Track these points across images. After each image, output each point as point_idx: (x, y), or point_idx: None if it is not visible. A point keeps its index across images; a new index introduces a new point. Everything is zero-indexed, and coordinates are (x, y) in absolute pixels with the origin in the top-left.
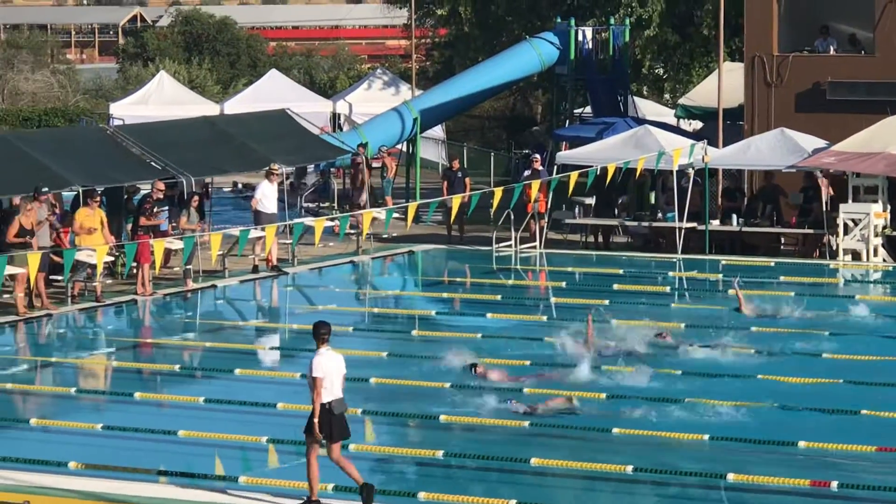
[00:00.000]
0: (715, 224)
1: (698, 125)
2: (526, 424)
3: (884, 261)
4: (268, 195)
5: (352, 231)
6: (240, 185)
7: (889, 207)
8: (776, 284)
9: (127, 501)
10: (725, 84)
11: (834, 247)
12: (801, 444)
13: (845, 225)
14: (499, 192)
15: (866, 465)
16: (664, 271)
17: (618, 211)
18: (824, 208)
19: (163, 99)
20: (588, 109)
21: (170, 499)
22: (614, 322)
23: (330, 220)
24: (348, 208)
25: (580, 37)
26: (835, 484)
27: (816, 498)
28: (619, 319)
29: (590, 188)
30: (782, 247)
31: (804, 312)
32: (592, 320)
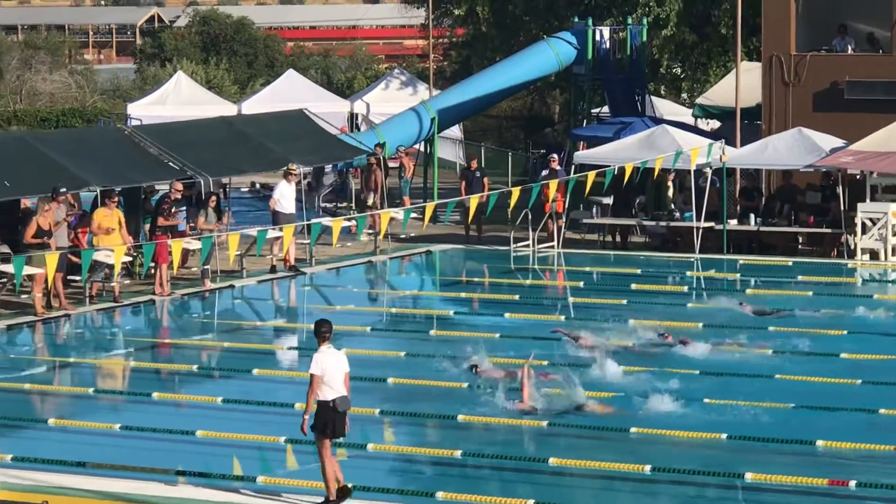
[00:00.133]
0: (733, 224)
1: (716, 125)
2: (544, 424)
3: None
4: (286, 195)
5: (370, 231)
6: (257, 186)
7: None
8: (794, 284)
9: (145, 501)
10: (743, 83)
11: (852, 246)
12: (820, 444)
13: (863, 224)
14: (516, 192)
15: (884, 465)
16: (682, 271)
17: (635, 211)
18: (842, 207)
19: (180, 99)
20: (605, 109)
21: (188, 499)
22: (631, 321)
23: (347, 221)
24: (357, 209)
25: (598, 36)
26: (853, 483)
27: (835, 497)
28: (636, 319)
29: (607, 188)
30: (800, 246)
31: (822, 312)
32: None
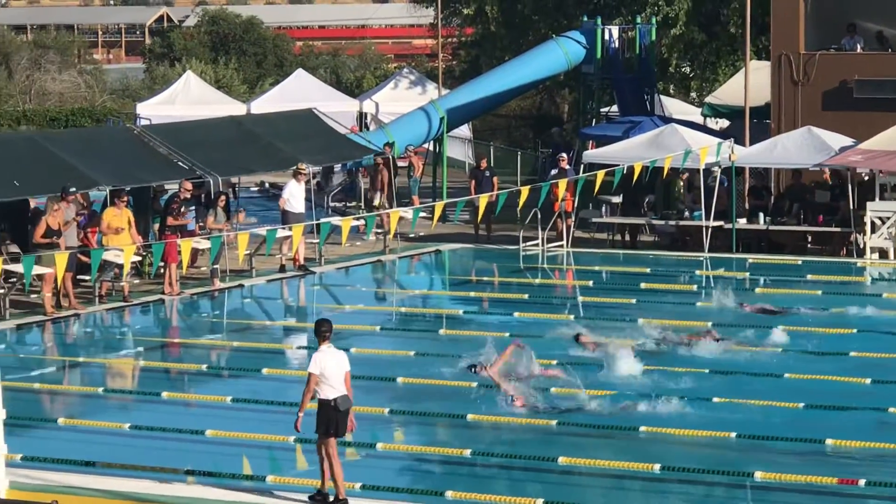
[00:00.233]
0: (742, 223)
1: (725, 124)
2: (553, 423)
3: None
4: (295, 195)
5: (378, 231)
6: (266, 185)
7: None
8: (803, 283)
9: (155, 501)
10: (752, 82)
11: (861, 245)
12: (829, 443)
13: (872, 223)
14: (525, 191)
15: (894, 464)
16: (691, 270)
17: (645, 210)
18: (851, 206)
19: (189, 99)
20: (614, 108)
21: (197, 498)
22: (641, 320)
23: (356, 220)
24: (365, 208)
25: (607, 36)
26: (862, 482)
27: (844, 496)
28: (646, 318)
29: (616, 187)
30: (809, 245)
31: (824, 310)
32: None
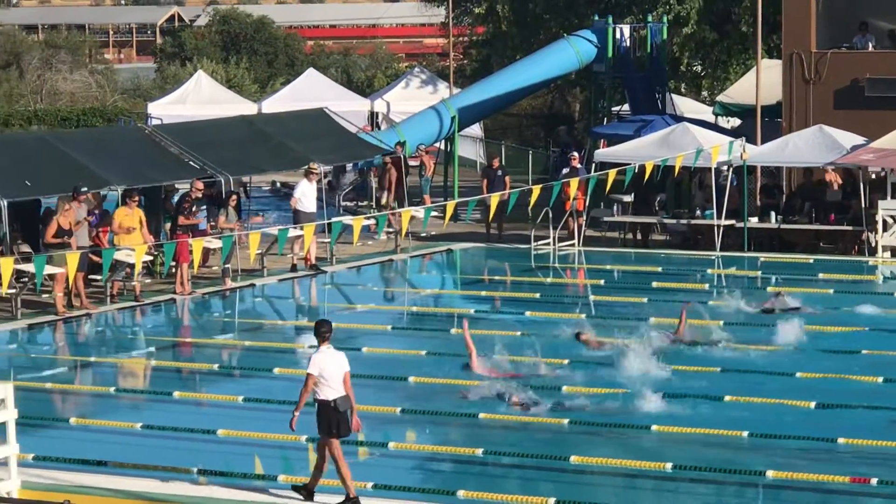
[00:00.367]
0: (753, 221)
1: (736, 122)
2: (565, 423)
3: None
4: (307, 194)
5: (390, 230)
6: (278, 184)
7: None
8: (815, 281)
9: (166, 500)
10: (763, 81)
11: (873, 243)
12: (841, 441)
13: (884, 222)
14: (537, 190)
15: None
16: (703, 269)
17: (656, 209)
18: (863, 205)
19: (200, 98)
20: (626, 107)
21: (209, 498)
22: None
23: (368, 219)
24: (375, 208)
25: (618, 34)
26: (874, 480)
27: (856, 495)
28: (657, 318)
29: (628, 186)
30: (821, 244)
31: (828, 310)
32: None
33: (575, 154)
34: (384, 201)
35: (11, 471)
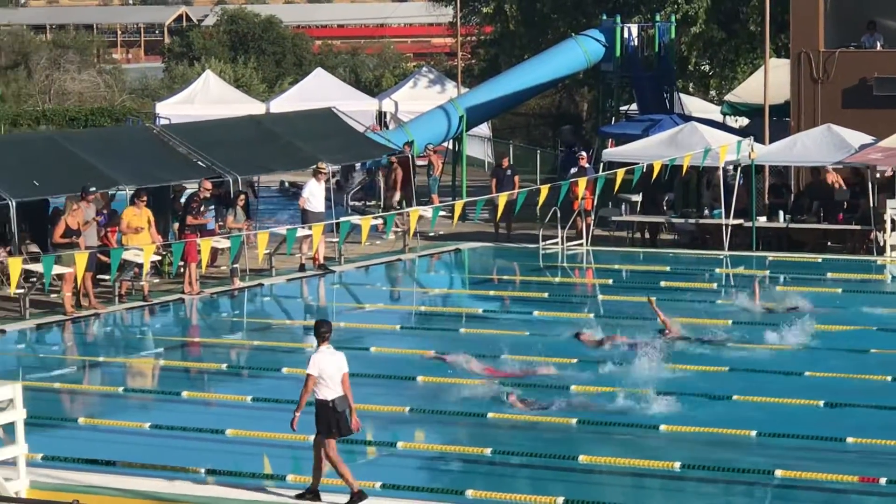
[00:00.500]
0: (762, 221)
1: (744, 122)
2: (573, 422)
3: None
4: (315, 194)
5: (398, 229)
6: (286, 184)
7: None
8: (823, 281)
9: (175, 500)
10: (771, 80)
11: (881, 242)
12: (850, 440)
13: (892, 221)
14: (545, 190)
15: None
16: (711, 268)
17: (664, 208)
18: (871, 204)
19: (209, 98)
20: (634, 106)
21: (218, 497)
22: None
23: (376, 219)
24: (382, 207)
25: (626, 34)
26: (883, 480)
27: (865, 494)
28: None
29: (636, 185)
30: (829, 243)
31: (852, 308)
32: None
33: (583, 153)
34: (390, 201)
35: (20, 470)
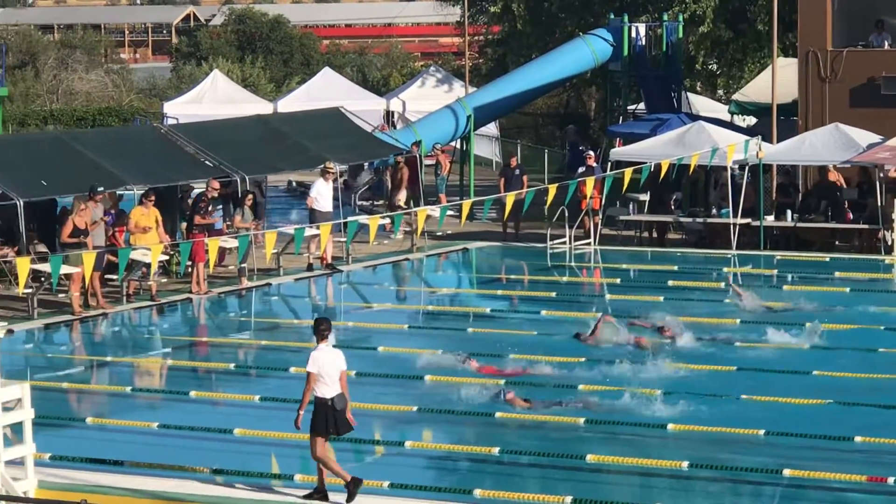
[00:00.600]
0: (770, 220)
1: (752, 121)
2: (581, 421)
3: None
4: (323, 194)
5: (406, 229)
6: (294, 184)
7: None
8: (831, 280)
9: (183, 500)
10: (779, 79)
11: (889, 242)
12: (858, 440)
13: None
14: (553, 189)
15: None
16: (719, 267)
17: (672, 207)
18: (879, 203)
19: (216, 98)
20: (641, 106)
21: (226, 497)
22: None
23: (384, 218)
24: (388, 207)
25: (633, 33)
26: (892, 479)
27: (873, 493)
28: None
29: (644, 184)
30: (837, 242)
31: (859, 307)
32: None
33: (591, 153)
34: (395, 200)
35: (28, 470)
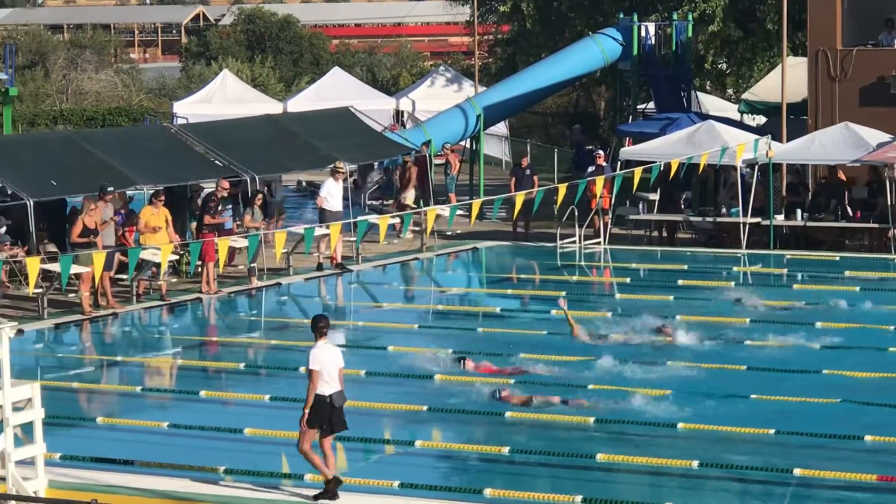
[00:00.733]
0: (779, 219)
1: (762, 120)
2: (591, 421)
3: None
4: (333, 193)
5: (416, 228)
6: (304, 183)
7: None
8: (840, 279)
9: (193, 500)
10: (789, 79)
11: None
12: (868, 439)
13: None
14: (563, 189)
15: None
16: (728, 266)
17: (682, 206)
18: (889, 202)
19: (226, 97)
20: (651, 105)
21: (236, 497)
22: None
23: (394, 218)
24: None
25: (643, 32)
26: None
27: (883, 493)
28: (685, 315)
29: (653, 184)
30: (847, 241)
31: (869, 307)
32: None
33: (600, 152)
34: (402, 200)
35: (38, 470)
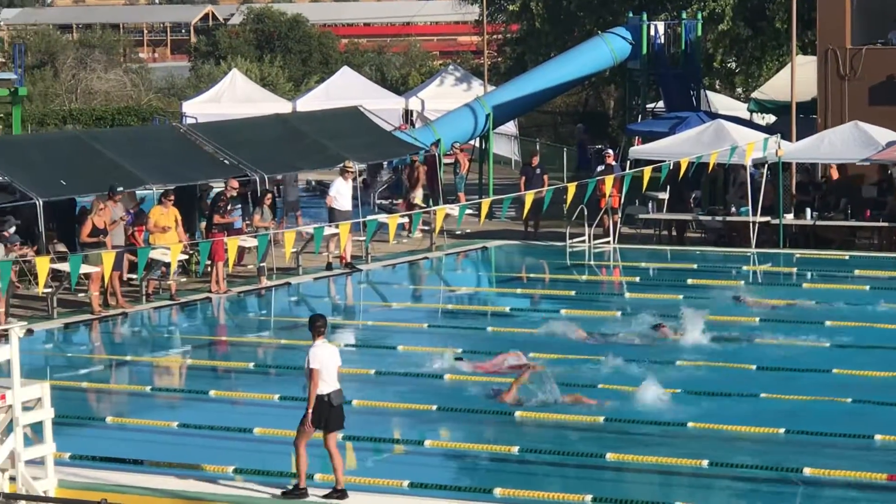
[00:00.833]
0: (789, 218)
1: (771, 119)
2: (601, 420)
3: None
4: (342, 193)
5: (425, 227)
6: (313, 183)
7: None
8: (850, 278)
9: (203, 499)
10: (798, 77)
11: None
12: (878, 438)
13: None
14: (572, 188)
15: None
16: (738, 265)
17: (691, 205)
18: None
19: (235, 97)
20: (660, 104)
21: (245, 496)
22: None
23: (403, 217)
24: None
25: (652, 31)
26: None
27: (893, 492)
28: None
29: (663, 183)
30: (857, 240)
31: (879, 306)
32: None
33: (610, 151)
34: (411, 199)
35: (48, 469)
